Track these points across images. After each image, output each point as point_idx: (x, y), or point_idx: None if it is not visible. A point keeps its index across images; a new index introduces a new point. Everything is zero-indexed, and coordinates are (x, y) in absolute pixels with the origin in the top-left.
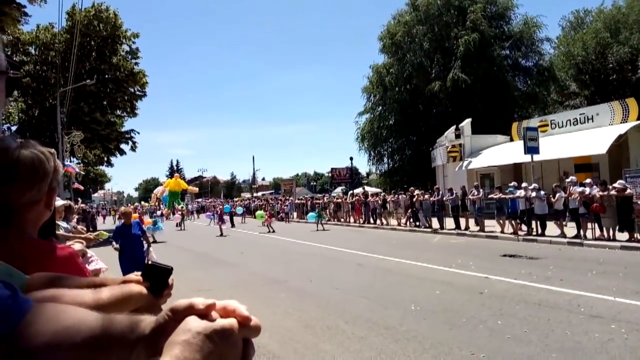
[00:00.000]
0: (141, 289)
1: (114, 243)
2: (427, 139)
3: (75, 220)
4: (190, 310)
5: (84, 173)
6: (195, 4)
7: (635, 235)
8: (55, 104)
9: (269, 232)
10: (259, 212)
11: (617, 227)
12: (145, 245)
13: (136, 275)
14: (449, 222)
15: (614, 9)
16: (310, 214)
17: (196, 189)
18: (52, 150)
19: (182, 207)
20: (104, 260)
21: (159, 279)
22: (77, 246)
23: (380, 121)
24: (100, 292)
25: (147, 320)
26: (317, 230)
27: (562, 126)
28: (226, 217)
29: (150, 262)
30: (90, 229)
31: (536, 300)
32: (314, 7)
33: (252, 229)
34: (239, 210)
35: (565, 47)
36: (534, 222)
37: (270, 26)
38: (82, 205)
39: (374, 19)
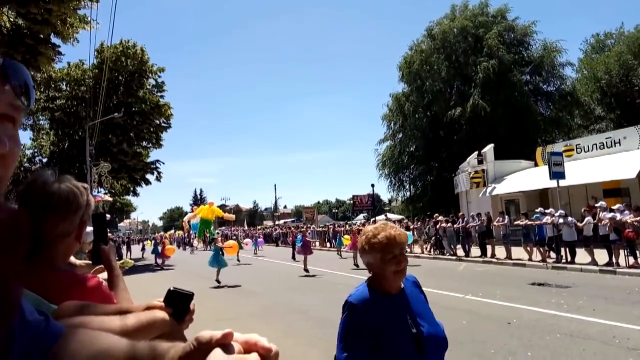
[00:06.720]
0: (164, 315)
1: None
2: (449, 165)
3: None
4: (211, 340)
5: (111, 200)
6: (218, 35)
7: None
8: (84, 136)
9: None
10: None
11: None
12: None
13: (159, 301)
14: (474, 250)
15: (636, 32)
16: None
17: (233, 216)
18: (86, 185)
19: (217, 235)
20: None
21: (180, 305)
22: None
23: (400, 148)
24: (126, 318)
25: (175, 349)
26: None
27: (588, 150)
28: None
29: (171, 288)
30: (117, 258)
31: (568, 331)
32: (335, 37)
33: (283, 258)
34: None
35: (588, 70)
36: (562, 249)
37: (292, 55)
38: (109, 234)
39: (394, 48)
